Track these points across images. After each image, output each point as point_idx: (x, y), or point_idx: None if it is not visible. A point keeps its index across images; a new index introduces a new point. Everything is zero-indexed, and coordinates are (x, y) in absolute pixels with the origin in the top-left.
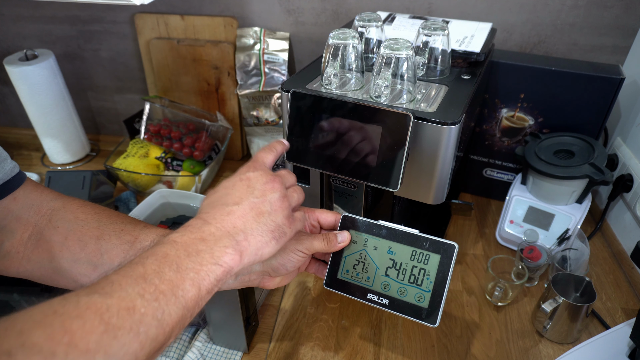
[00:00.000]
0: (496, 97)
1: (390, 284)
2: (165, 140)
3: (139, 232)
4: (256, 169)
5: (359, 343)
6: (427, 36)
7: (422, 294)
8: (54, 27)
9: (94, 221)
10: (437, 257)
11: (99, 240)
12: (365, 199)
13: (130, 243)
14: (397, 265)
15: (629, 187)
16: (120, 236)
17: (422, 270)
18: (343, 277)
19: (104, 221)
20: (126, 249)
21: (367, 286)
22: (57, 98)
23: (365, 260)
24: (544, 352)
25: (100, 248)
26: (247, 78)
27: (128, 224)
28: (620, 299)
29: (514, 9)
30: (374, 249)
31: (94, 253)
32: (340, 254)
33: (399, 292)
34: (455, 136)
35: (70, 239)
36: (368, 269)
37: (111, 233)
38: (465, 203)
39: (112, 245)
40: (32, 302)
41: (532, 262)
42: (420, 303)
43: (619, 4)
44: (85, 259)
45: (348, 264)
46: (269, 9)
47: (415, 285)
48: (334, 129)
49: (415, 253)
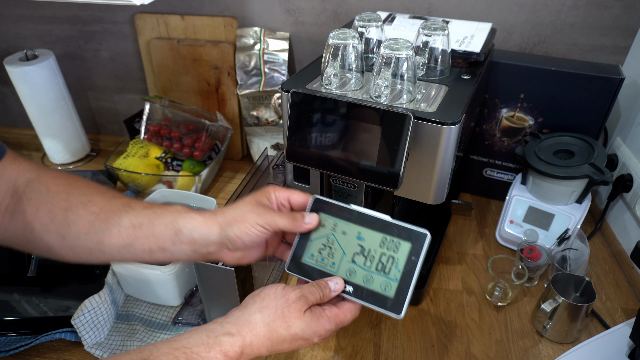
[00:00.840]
0: (496, 97)
1: (356, 270)
2: (165, 140)
3: (105, 203)
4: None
5: (359, 343)
6: (427, 36)
7: (389, 283)
8: (54, 27)
9: (64, 192)
10: (407, 245)
11: (66, 212)
12: (365, 199)
13: (95, 214)
14: (365, 252)
15: (629, 187)
16: (86, 207)
17: (391, 258)
18: (307, 262)
19: (74, 192)
20: (91, 220)
21: (332, 272)
22: (57, 98)
23: (332, 245)
24: (543, 352)
25: (67, 219)
26: (247, 78)
27: (96, 194)
28: (620, 299)
29: (514, 9)
30: (342, 234)
31: (62, 224)
32: (307, 237)
33: (364, 280)
34: (455, 136)
35: (41, 210)
36: (334, 254)
37: (78, 204)
38: (465, 203)
39: (78, 217)
40: (32, 302)
41: (532, 262)
42: (386, 292)
43: (619, 4)
44: (55, 229)
45: (314, 248)
46: (269, 9)
47: (383, 273)
48: (334, 129)
49: (385, 240)
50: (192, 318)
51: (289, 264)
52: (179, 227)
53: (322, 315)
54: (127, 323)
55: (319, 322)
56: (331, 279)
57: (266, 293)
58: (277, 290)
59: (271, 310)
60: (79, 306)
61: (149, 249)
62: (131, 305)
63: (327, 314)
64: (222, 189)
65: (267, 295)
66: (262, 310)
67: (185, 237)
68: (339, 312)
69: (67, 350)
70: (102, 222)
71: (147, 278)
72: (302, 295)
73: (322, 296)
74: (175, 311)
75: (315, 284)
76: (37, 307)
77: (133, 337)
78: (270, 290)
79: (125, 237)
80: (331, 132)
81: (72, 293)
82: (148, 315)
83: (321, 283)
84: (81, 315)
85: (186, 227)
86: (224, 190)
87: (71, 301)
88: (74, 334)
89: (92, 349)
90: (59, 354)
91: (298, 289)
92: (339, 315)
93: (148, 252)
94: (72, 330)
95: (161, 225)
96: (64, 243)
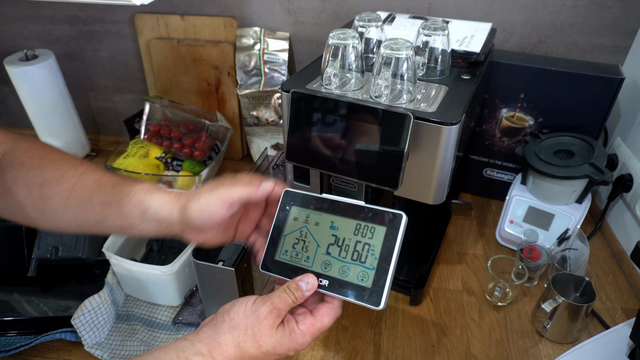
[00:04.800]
0: (496, 97)
1: (331, 262)
2: (165, 140)
3: (77, 179)
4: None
5: (359, 343)
6: (427, 36)
7: (366, 272)
8: (54, 27)
9: (37, 167)
10: (382, 229)
11: (42, 188)
12: (365, 199)
13: (69, 190)
14: (339, 242)
15: (629, 187)
16: (60, 183)
17: (367, 246)
18: (281, 259)
19: (47, 167)
20: (65, 196)
21: (307, 267)
22: (57, 98)
23: (306, 238)
24: (543, 352)
25: (44, 195)
26: (247, 78)
27: (69, 168)
28: (620, 299)
29: (514, 9)
30: (315, 225)
31: (39, 199)
32: (279, 233)
33: (340, 272)
34: (455, 136)
35: (18, 185)
36: (308, 248)
37: (52, 180)
38: (465, 203)
39: (53, 193)
40: (32, 302)
41: (532, 262)
42: (363, 282)
43: (619, 4)
44: (32, 204)
45: (287, 244)
46: (269, 9)
47: (359, 262)
48: (334, 129)
49: (359, 227)
50: (192, 318)
51: (262, 263)
52: (145, 207)
53: (295, 331)
54: (127, 323)
55: (292, 338)
56: (302, 278)
57: (235, 311)
58: (247, 307)
59: (241, 331)
60: (79, 306)
61: (119, 226)
62: (131, 305)
63: (301, 328)
64: None
65: (236, 313)
66: (232, 331)
67: (151, 216)
68: (314, 321)
69: (67, 350)
70: (75, 198)
71: (147, 278)
72: (274, 307)
73: (295, 299)
74: (175, 311)
75: (286, 288)
76: (37, 307)
77: (133, 337)
78: (240, 308)
79: (97, 213)
80: (331, 132)
81: (72, 293)
82: (148, 315)
83: (292, 285)
84: (81, 315)
85: (152, 207)
86: None
87: (71, 301)
88: (74, 334)
89: (92, 349)
90: (59, 354)
91: (269, 301)
92: (315, 324)
93: (119, 228)
94: (72, 330)
95: (129, 204)
96: (43, 216)
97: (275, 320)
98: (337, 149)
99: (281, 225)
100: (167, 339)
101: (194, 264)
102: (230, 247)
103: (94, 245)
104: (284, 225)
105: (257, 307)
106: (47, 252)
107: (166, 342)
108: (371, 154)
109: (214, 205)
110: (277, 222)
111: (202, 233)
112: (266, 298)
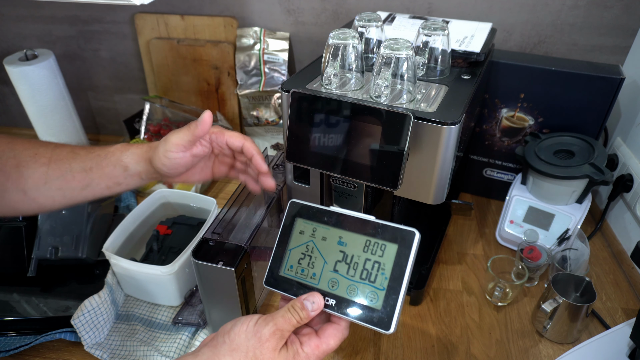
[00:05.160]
0: (496, 97)
1: (338, 281)
2: None
3: (52, 153)
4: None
5: (359, 343)
6: (427, 36)
7: (375, 293)
8: (54, 27)
9: (9, 150)
10: (394, 247)
11: (19, 168)
12: (365, 199)
13: (46, 165)
14: (347, 259)
15: (629, 187)
16: (36, 160)
17: (377, 264)
18: (286, 274)
19: (18, 148)
20: (45, 171)
21: (313, 284)
22: (57, 98)
23: (312, 253)
24: (544, 352)
25: (22, 175)
26: (247, 78)
27: (40, 146)
28: (620, 299)
29: (514, 9)
30: (322, 240)
31: (19, 180)
32: (284, 247)
33: (348, 291)
34: (455, 136)
35: None
36: (315, 264)
37: (28, 159)
38: (465, 203)
39: (32, 170)
40: (32, 302)
41: (532, 262)
42: (372, 303)
43: (619, 4)
44: (13, 187)
45: (293, 259)
46: (269, 9)
47: (368, 282)
48: (334, 129)
49: (369, 243)
50: (192, 318)
51: (266, 278)
52: (125, 164)
53: (299, 353)
54: (127, 323)
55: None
56: (307, 297)
57: (236, 332)
58: (249, 328)
59: (242, 354)
60: (79, 306)
61: (106, 186)
62: (131, 305)
63: (306, 350)
64: (222, 189)
65: (237, 334)
66: (232, 353)
67: (132, 171)
68: (319, 343)
69: (67, 351)
70: (54, 170)
71: (147, 278)
72: (277, 329)
73: (300, 319)
74: (175, 311)
75: (290, 308)
76: (37, 307)
77: (133, 337)
78: (242, 328)
79: (80, 180)
80: (331, 132)
81: (72, 293)
82: (148, 315)
83: (296, 305)
84: (81, 316)
85: (130, 163)
86: (224, 191)
87: (71, 301)
88: (73, 334)
89: (91, 349)
90: (58, 354)
91: (272, 322)
92: (320, 346)
93: (106, 188)
94: (71, 330)
95: (109, 166)
96: (26, 197)
97: (279, 342)
98: (337, 149)
99: (286, 238)
100: (167, 339)
101: (193, 264)
102: (230, 246)
103: (93, 245)
104: (289, 239)
105: (259, 328)
106: (46, 252)
107: (166, 342)
108: (371, 154)
109: (170, 152)
110: (281, 235)
111: (178, 177)
112: (269, 318)
